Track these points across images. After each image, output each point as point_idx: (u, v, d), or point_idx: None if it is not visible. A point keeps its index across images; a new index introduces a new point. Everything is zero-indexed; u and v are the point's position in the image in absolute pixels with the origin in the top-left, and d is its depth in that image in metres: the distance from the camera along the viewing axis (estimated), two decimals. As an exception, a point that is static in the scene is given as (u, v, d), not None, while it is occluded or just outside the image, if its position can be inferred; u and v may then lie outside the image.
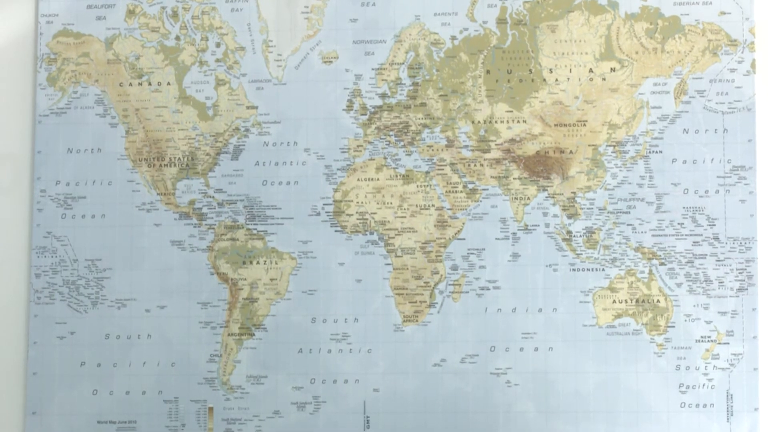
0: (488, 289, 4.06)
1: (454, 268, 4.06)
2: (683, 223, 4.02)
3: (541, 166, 4.10)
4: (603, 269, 4.05)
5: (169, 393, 4.09)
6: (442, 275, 4.07)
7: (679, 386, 4.01)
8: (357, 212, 4.08)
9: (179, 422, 4.07)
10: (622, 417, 4.02)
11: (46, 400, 4.13)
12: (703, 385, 4.01)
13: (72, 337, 4.12)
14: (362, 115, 4.14)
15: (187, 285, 4.13)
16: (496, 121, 4.10)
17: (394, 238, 4.08)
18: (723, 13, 4.07)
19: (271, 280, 4.09)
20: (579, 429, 4.01)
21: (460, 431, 4.04)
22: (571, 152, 4.09)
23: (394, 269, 4.07)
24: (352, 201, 4.10)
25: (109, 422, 4.09)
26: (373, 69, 4.15)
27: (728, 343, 4.00)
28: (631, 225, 4.04)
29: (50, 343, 4.13)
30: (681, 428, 3.99)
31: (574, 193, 4.06)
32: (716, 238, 4.02)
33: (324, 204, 4.10)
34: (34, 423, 4.09)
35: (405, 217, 4.07)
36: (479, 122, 4.10)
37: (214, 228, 4.13)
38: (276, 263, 4.11)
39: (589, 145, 4.07)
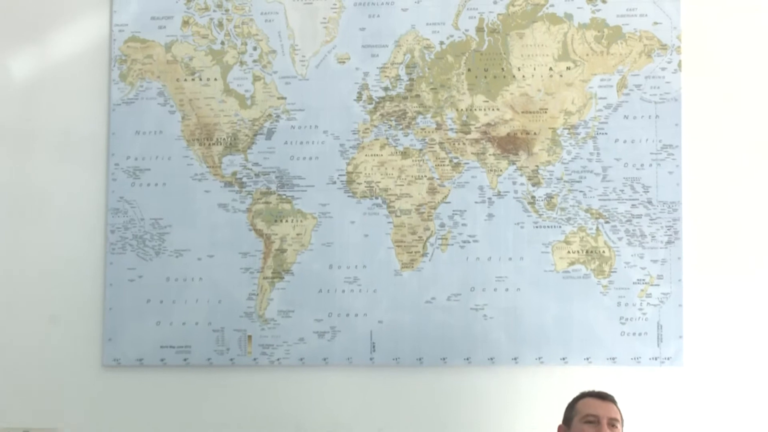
0: (469, 242, 4.59)
1: (442, 225, 4.59)
2: (623, 190, 4.56)
3: (511, 145, 4.60)
4: (560, 226, 4.58)
5: (216, 324, 4.62)
6: (432, 231, 4.60)
7: (620, 319, 4.54)
8: (365, 181, 4.62)
9: (224, 347, 4.58)
10: (575, 343, 4.54)
11: (119, 330, 4.64)
12: (639, 318, 4.53)
13: (139, 279, 4.63)
14: (369, 104, 4.67)
15: (231, 239, 4.65)
16: (475, 109, 4.62)
17: (394, 201, 4.61)
18: (656, 23, 4.57)
19: (297, 234, 4.62)
20: (541, 352, 4.52)
21: (447, 354, 4.55)
22: (534, 134, 4.61)
23: (394, 226, 4.61)
24: (361, 172, 4.64)
25: (170, 347, 4.60)
26: (377, 68, 4.67)
27: (659, 285, 4.52)
28: (582, 191, 4.58)
29: (122, 285, 4.64)
30: (621, 352, 4.49)
31: (537, 166, 4.59)
32: (649, 202, 4.54)
33: (339, 175, 4.64)
34: (110, 348, 4.60)
35: (403, 185, 4.61)
36: (462, 110, 4.62)
37: (251, 194, 4.65)
38: (301, 221, 4.63)
39: (549, 128, 4.60)
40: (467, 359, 4.60)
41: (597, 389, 3.99)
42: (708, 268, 4.60)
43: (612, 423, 3.84)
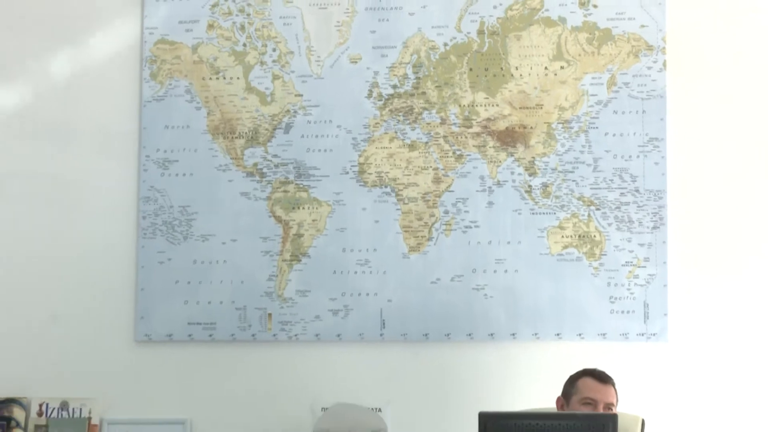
0: (470, 227, 4.75)
1: (446, 212, 4.76)
2: (613, 180, 4.72)
3: (510, 138, 4.76)
4: (554, 213, 4.74)
5: (239, 302, 4.77)
6: (437, 217, 4.76)
7: (609, 298, 4.70)
8: (375, 171, 4.79)
9: (247, 324, 4.75)
10: (568, 320, 4.70)
11: (150, 308, 4.79)
12: (627, 297, 4.69)
13: (169, 262, 4.80)
14: (379, 101, 4.83)
15: (252, 225, 4.80)
16: (476, 105, 4.78)
17: (402, 190, 4.78)
18: (643, 26, 4.73)
19: (313, 220, 4.78)
20: (537, 329, 4.69)
21: (450, 330, 4.71)
22: (531, 128, 4.77)
23: (402, 213, 4.77)
24: (371, 163, 4.80)
25: (196, 324, 4.77)
26: (387, 67, 4.83)
27: (645, 267, 4.68)
28: (575, 181, 4.74)
29: (153, 267, 4.81)
30: (611, 329, 4.66)
31: (533, 157, 4.75)
32: (637, 191, 4.70)
33: (351, 165, 4.80)
34: (142, 325, 4.77)
35: (410, 175, 4.77)
36: (464, 106, 4.78)
37: (271, 183, 4.81)
38: (316, 208, 4.79)
39: (544, 123, 4.76)
40: (469, 335, 4.75)
41: (597, 369, 4.08)
42: (691, 251, 4.72)
43: (608, 407, 3.95)
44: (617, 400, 4.02)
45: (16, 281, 4.91)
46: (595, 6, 4.80)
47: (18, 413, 4.82)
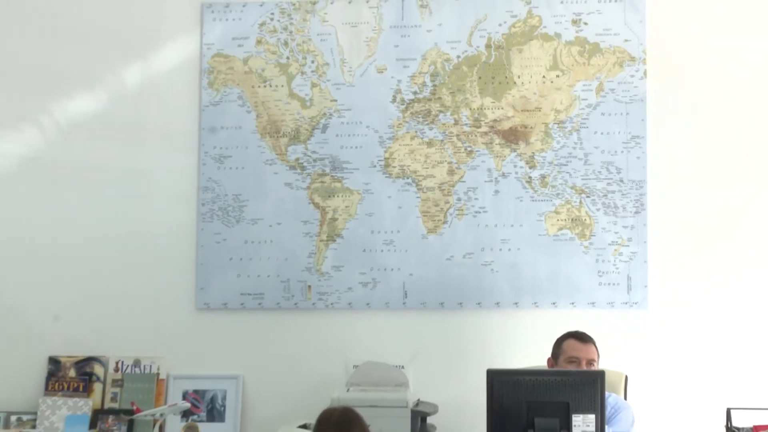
0: (479, 212, 4.69)
1: (459, 199, 4.69)
2: (601, 172, 4.65)
3: (513, 136, 4.69)
4: (551, 200, 4.67)
5: (283, 276, 4.74)
6: (451, 203, 4.70)
7: (598, 272, 4.63)
8: (398, 165, 4.72)
9: (290, 294, 4.71)
10: (562, 291, 4.65)
11: (209, 281, 4.77)
12: (613, 271, 4.63)
13: (224, 242, 4.76)
14: (401, 105, 4.76)
15: (294, 210, 4.76)
16: (484, 109, 4.71)
17: (421, 181, 4.71)
18: (626, 40, 4.65)
19: (346, 207, 4.73)
20: (536, 299, 4.63)
21: (462, 299, 4.67)
22: (531, 128, 4.69)
23: (421, 200, 4.71)
24: (395, 158, 4.74)
25: (247, 294, 4.73)
26: (408, 76, 4.77)
27: (628, 246, 4.61)
28: (568, 173, 4.67)
29: (211, 246, 4.78)
30: (599, 298, 4.61)
31: (533, 153, 4.68)
32: (621, 181, 4.63)
33: (378, 160, 4.74)
34: (201, 295, 4.75)
35: (428, 168, 4.71)
36: (474, 109, 4.71)
37: (310, 175, 4.76)
38: (348, 196, 4.74)
39: (542, 123, 4.68)
40: (478, 304, 4.70)
41: (579, 330, 4.08)
42: (667, 232, 4.65)
43: (590, 363, 3.94)
44: (598, 357, 4.01)
45: (97, 258, 4.90)
46: (585, 24, 4.73)
47: (98, 369, 4.83)
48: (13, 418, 4.77)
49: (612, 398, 3.98)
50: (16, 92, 4.97)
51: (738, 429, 3.76)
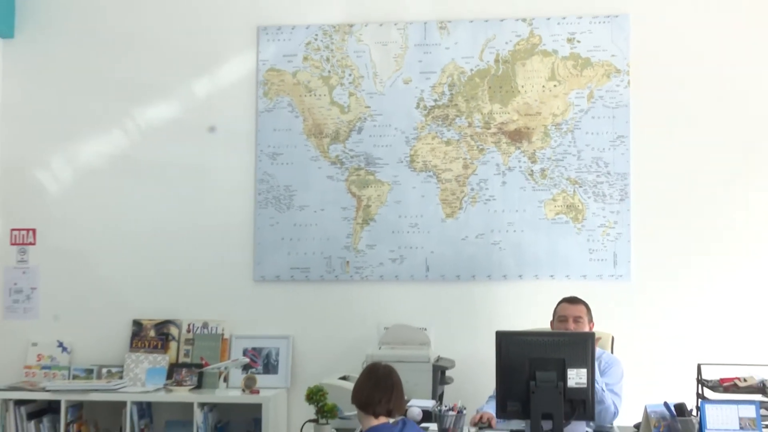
0: (489, 200, 4.66)
1: (472, 189, 4.66)
2: (591, 166, 4.60)
3: (517, 136, 4.65)
4: (549, 190, 4.63)
5: (326, 253, 4.73)
6: (465, 192, 4.67)
7: (589, 250, 4.60)
8: (422, 161, 4.69)
9: (331, 268, 4.70)
10: (559, 266, 4.61)
11: (264, 257, 4.77)
12: (601, 249, 4.59)
13: (276, 225, 4.76)
14: (424, 110, 4.73)
15: (335, 198, 4.74)
16: (493, 113, 4.67)
17: (441, 173, 4.69)
18: (613, 55, 4.60)
19: (378, 195, 4.71)
20: (537, 272, 4.60)
21: (475, 273, 4.63)
22: (533, 129, 4.65)
23: (440, 190, 4.68)
24: (419, 155, 4.71)
25: (296, 268, 4.73)
26: (430, 86, 4.73)
27: (614, 228, 4.57)
28: (564, 167, 4.62)
29: (266, 228, 4.77)
30: (589, 272, 4.57)
31: (534, 150, 4.64)
32: (608, 173, 4.58)
33: (404, 156, 4.71)
34: (258, 269, 4.75)
35: (446, 163, 4.68)
36: (485, 113, 4.68)
37: (348, 169, 4.74)
38: (380, 187, 4.72)
39: (542, 125, 4.64)
40: (488, 276, 4.68)
41: (570, 296, 4.06)
42: (647, 216, 4.60)
43: (576, 319, 3.93)
44: (588, 316, 3.99)
45: (172, 239, 4.91)
46: (578, 41, 4.68)
47: (173, 330, 4.86)
48: (104, 370, 4.82)
49: (606, 355, 3.98)
50: (106, 101, 4.99)
51: (707, 381, 3.72)
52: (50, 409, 4.62)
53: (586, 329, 3.91)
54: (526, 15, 4.71)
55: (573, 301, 4.00)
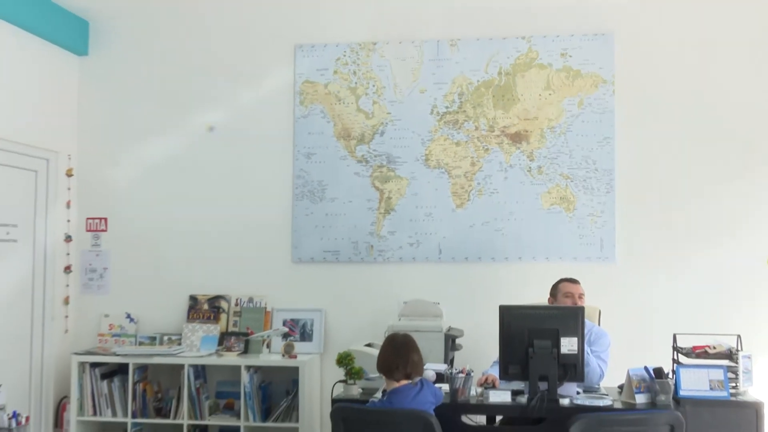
0: (493, 193, 4.63)
1: (478, 183, 4.62)
2: (581, 163, 4.55)
3: (517, 138, 4.61)
4: (545, 184, 4.59)
5: (353, 239, 4.71)
6: (473, 186, 4.63)
7: (579, 236, 4.55)
8: (435, 159, 4.66)
9: (358, 251, 4.68)
10: (553, 249, 4.57)
11: (300, 242, 4.75)
12: (590, 235, 4.54)
13: (311, 214, 4.75)
14: (437, 116, 4.70)
15: (361, 191, 4.73)
16: (497, 118, 4.64)
17: (451, 170, 4.65)
18: (600, 68, 4.55)
19: (398, 189, 4.68)
20: (534, 254, 4.55)
21: (481, 255, 4.60)
22: (530, 132, 4.61)
23: (451, 184, 4.65)
24: (433, 154, 4.68)
25: (328, 251, 4.72)
26: (442, 95, 4.70)
27: (601, 216, 4.52)
28: (558, 164, 4.58)
29: (302, 217, 4.77)
30: (580, 254, 4.51)
31: (532, 150, 4.60)
32: (596, 169, 4.53)
33: (420, 155, 4.68)
34: (295, 252, 4.73)
35: (456, 161, 4.64)
36: (489, 119, 4.64)
37: (372, 167, 4.72)
38: (399, 182, 4.69)
39: (539, 128, 4.60)
40: (492, 258, 4.65)
41: (571, 277, 4.05)
42: (629, 207, 4.56)
43: (581, 296, 3.93)
44: (584, 293, 3.99)
45: (222, 226, 4.91)
46: (570, 56, 4.64)
47: (224, 304, 4.87)
48: (165, 338, 4.85)
49: (595, 328, 3.97)
50: (167, 109, 5.01)
51: (681, 348, 3.75)
52: (120, 370, 4.65)
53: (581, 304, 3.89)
54: (525, 34, 4.67)
55: (574, 280, 4.01)
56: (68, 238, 4.97)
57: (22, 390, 4.60)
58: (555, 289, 4.03)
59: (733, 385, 3.50)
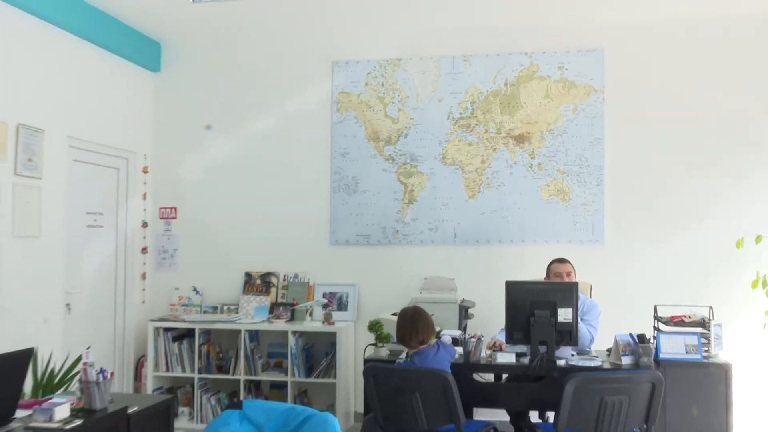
0: (500, 186, 4.58)
1: (487, 177, 4.58)
2: (575, 160, 4.49)
3: (521, 139, 4.55)
4: (544, 178, 4.54)
5: (382, 224, 4.70)
6: (483, 180, 4.59)
7: (573, 222, 4.50)
8: (451, 157, 4.62)
9: (386, 235, 4.66)
10: (552, 233, 4.51)
11: (337, 227, 4.72)
12: (583, 221, 4.48)
13: (346, 204, 4.72)
14: (453, 121, 4.66)
15: (388, 184, 4.70)
16: (503, 123, 4.59)
17: (465, 166, 4.61)
18: (591, 79, 4.48)
19: (419, 183, 4.64)
20: (534, 238, 4.50)
21: (489, 238, 4.56)
22: (532, 134, 4.56)
23: (464, 178, 4.61)
24: (449, 153, 4.64)
25: (360, 235, 4.71)
26: (457, 103, 4.66)
27: (592, 205, 4.47)
28: (555, 161, 4.52)
29: (338, 206, 4.76)
30: (574, 238, 4.43)
31: (533, 149, 4.55)
32: (588, 166, 4.46)
33: (438, 154, 4.65)
34: (333, 236, 4.70)
35: (469, 159, 4.60)
36: (497, 123, 4.59)
37: (398, 164, 4.69)
38: (421, 177, 4.66)
39: (539, 131, 4.54)
40: (499, 241, 4.62)
41: (560, 257, 3.99)
42: (616, 197, 4.51)
43: (567, 274, 3.86)
44: (574, 270, 3.92)
45: (273, 214, 4.91)
46: (566, 69, 4.59)
47: (273, 279, 4.88)
48: (225, 307, 4.87)
49: (588, 300, 3.92)
50: (227, 115, 5.01)
51: (661, 318, 3.72)
52: (188, 334, 4.70)
53: (574, 280, 3.86)
54: (527, 50, 4.62)
55: (562, 260, 3.95)
56: (144, 224, 5.01)
57: (108, 350, 4.68)
58: (548, 269, 3.99)
59: (706, 349, 3.47)
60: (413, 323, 3.22)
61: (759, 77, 4.38)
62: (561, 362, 3.39)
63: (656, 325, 3.69)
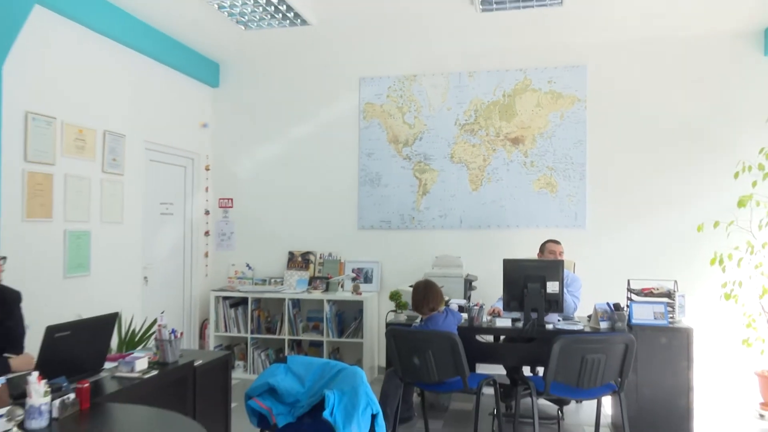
0: (499, 180, 4.52)
1: (488, 173, 4.52)
2: (562, 159, 4.41)
3: (517, 141, 4.48)
4: (535, 173, 4.46)
5: (400, 212, 4.64)
6: (484, 176, 4.52)
7: (560, 210, 4.42)
8: (458, 157, 4.56)
9: (404, 221, 4.61)
10: (541, 219, 4.45)
11: (363, 215, 4.71)
12: (567, 209, 4.40)
13: (371, 196, 4.69)
14: (459, 127, 4.60)
15: (405, 180, 4.65)
16: (502, 128, 4.52)
17: (469, 164, 4.54)
18: (576, 90, 4.39)
19: (431, 178, 4.59)
20: (527, 223, 4.43)
21: (490, 223, 4.50)
22: (526, 137, 4.48)
23: (469, 174, 4.55)
24: (456, 153, 4.58)
25: (382, 221, 4.63)
26: (463, 112, 4.59)
27: (575, 196, 4.39)
28: (545, 159, 4.44)
29: (365, 198, 4.72)
30: (560, 222, 4.39)
31: (527, 150, 4.48)
32: (572, 163, 4.38)
33: (447, 154, 4.59)
34: (359, 221, 4.69)
35: (473, 158, 4.53)
36: (497, 127, 4.53)
37: (414, 162, 4.64)
38: (433, 173, 4.60)
39: (531, 134, 4.47)
40: (498, 226, 4.57)
41: (553, 238, 3.94)
42: (596, 190, 4.44)
43: (561, 253, 3.80)
44: (563, 250, 3.86)
45: (311, 204, 4.89)
46: (555, 82, 4.51)
47: (311, 257, 4.85)
48: (272, 280, 4.88)
49: (571, 274, 3.87)
50: (273, 123, 4.98)
51: (633, 290, 3.64)
52: (242, 302, 4.73)
53: (563, 258, 3.81)
54: (522, 67, 4.56)
55: (556, 242, 3.90)
56: (206, 212, 5.03)
57: (178, 314, 4.73)
58: (543, 247, 3.94)
59: (671, 316, 3.42)
60: (425, 294, 3.22)
61: (713, 88, 4.29)
62: (549, 326, 3.37)
63: (629, 296, 3.63)
